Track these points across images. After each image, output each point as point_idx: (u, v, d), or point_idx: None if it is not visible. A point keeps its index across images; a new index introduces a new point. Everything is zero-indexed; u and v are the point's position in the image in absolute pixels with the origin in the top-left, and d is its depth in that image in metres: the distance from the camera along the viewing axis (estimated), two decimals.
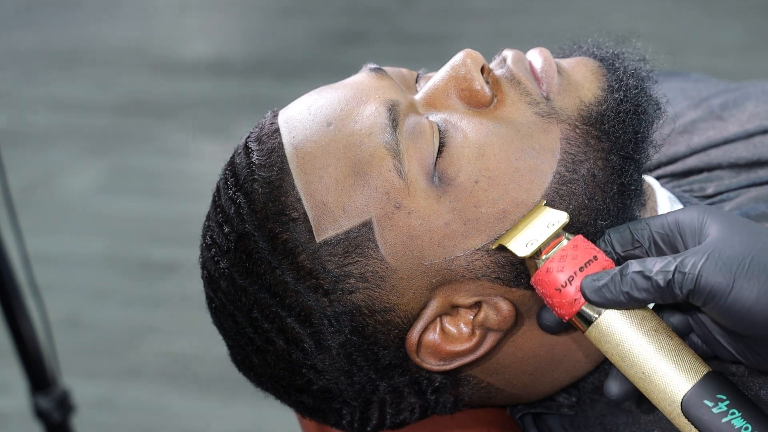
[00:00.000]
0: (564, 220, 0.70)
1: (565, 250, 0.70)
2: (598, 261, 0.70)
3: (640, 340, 0.68)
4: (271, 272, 0.74)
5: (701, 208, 0.69)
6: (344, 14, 3.60)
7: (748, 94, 0.96)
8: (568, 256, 0.69)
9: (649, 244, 0.70)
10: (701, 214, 0.69)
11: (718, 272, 0.65)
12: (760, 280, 0.64)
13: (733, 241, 0.66)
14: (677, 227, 0.69)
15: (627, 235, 0.71)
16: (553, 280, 0.69)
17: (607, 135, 0.75)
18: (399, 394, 0.77)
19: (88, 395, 2.03)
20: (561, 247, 0.70)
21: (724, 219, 0.68)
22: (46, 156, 2.95)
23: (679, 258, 0.66)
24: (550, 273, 0.69)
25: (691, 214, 0.69)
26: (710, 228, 0.67)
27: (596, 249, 0.70)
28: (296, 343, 0.74)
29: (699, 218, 0.68)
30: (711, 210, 0.69)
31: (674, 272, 0.65)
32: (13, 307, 1.57)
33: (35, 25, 3.72)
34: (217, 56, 3.40)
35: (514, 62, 0.77)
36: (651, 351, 0.67)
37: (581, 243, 0.70)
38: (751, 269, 0.64)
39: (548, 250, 0.70)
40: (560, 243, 0.70)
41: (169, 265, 2.46)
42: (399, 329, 0.74)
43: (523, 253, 0.70)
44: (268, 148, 0.76)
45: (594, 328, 0.69)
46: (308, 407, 0.79)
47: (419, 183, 0.73)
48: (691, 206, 0.71)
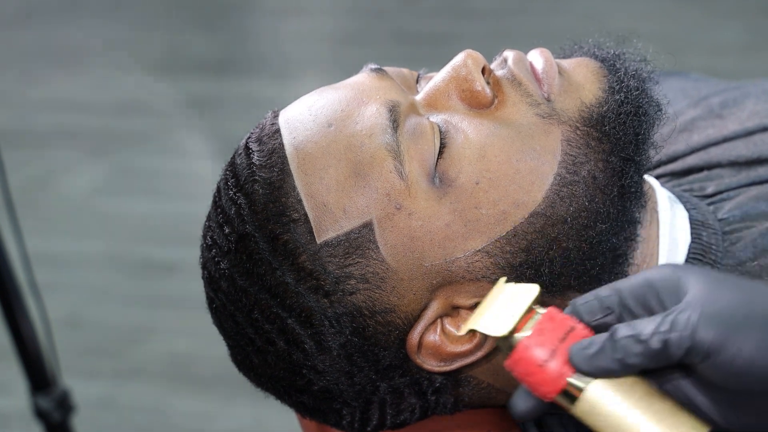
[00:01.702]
0: (536, 292, 0.67)
1: (542, 323, 0.65)
2: (577, 331, 0.65)
3: (633, 408, 0.63)
4: (271, 273, 0.74)
5: (671, 265, 0.66)
6: (344, 14, 3.60)
7: (748, 92, 0.96)
8: (545, 329, 0.65)
9: (620, 309, 0.66)
10: (674, 270, 0.65)
11: (712, 327, 0.61)
12: (758, 331, 0.61)
13: (718, 294, 0.63)
14: (650, 287, 0.65)
15: (594, 304, 0.67)
16: (534, 356, 0.65)
17: (607, 136, 0.75)
18: (399, 394, 0.77)
19: (88, 395, 2.03)
20: (536, 320, 0.66)
21: (701, 272, 0.64)
22: (46, 156, 2.96)
23: (670, 316, 0.62)
24: (528, 349, 0.65)
25: (662, 271, 0.65)
26: (689, 283, 0.64)
27: (571, 318, 0.66)
28: (297, 343, 0.74)
29: (673, 275, 0.65)
30: (683, 266, 0.66)
31: (669, 332, 0.62)
32: (13, 307, 1.57)
33: (35, 25, 3.72)
34: (217, 56, 3.40)
35: (515, 63, 0.77)
36: (647, 418, 0.63)
37: (556, 314, 0.66)
38: (746, 320, 0.61)
39: (521, 327, 0.66)
40: (533, 317, 0.66)
41: (169, 265, 2.46)
42: (399, 330, 0.74)
43: (500, 332, 0.66)
44: (269, 148, 0.76)
45: (582, 402, 0.64)
46: (308, 407, 0.79)
47: (420, 184, 0.73)
48: (659, 265, 0.68)
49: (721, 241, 0.81)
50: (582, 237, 0.74)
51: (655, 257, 0.79)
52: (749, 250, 0.79)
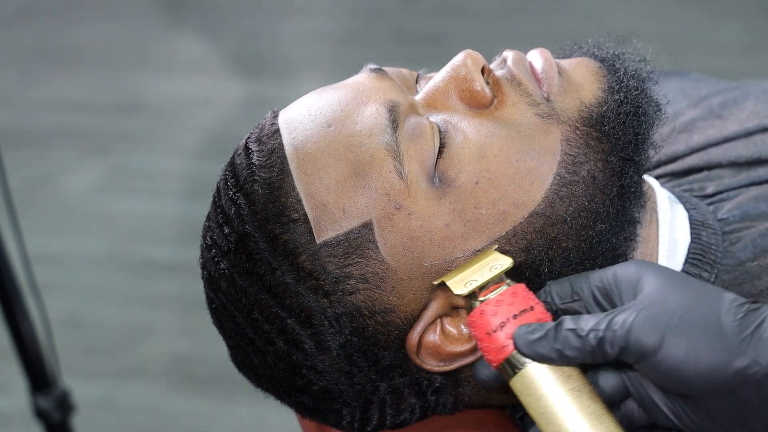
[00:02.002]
0: (507, 265, 0.70)
1: (503, 295, 0.69)
2: (534, 311, 0.69)
3: (562, 398, 0.66)
4: (271, 273, 0.74)
5: (639, 262, 0.68)
6: (344, 14, 3.60)
7: (748, 92, 0.96)
8: (504, 301, 0.69)
9: (588, 297, 0.69)
10: (638, 268, 0.67)
11: (647, 329, 0.63)
12: (690, 336, 0.63)
13: (665, 296, 0.65)
14: (615, 281, 0.68)
15: (567, 288, 0.71)
16: (486, 323, 0.68)
17: (607, 136, 0.75)
18: (399, 394, 0.77)
19: (88, 395, 2.03)
20: (500, 291, 0.69)
21: (660, 273, 0.67)
22: (46, 156, 2.95)
23: (610, 315, 0.65)
24: (483, 315, 0.69)
25: (628, 268, 0.68)
26: (645, 282, 0.66)
27: (535, 300, 0.69)
28: (296, 343, 0.74)
29: (635, 272, 0.67)
30: (648, 265, 0.68)
31: (605, 330, 0.65)
32: (13, 307, 1.57)
33: (35, 25, 3.72)
34: (217, 56, 3.40)
35: (515, 63, 0.77)
36: (572, 411, 0.66)
37: (521, 291, 0.69)
38: (680, 325, 0.63)
39: (486, 293, 0.70)
40: (500, 288, 0.70)
41: (169, 265, 2.46)
42: (399, 330, 0.74)
43: (459, 291, 0.70)
44: (269, 148, 0.76)
45: (518, 378, 0.68)
46: (308, 408, 0.79)
47: (419, 184, 0.73)
48: (630, 261, 0.70)
49: (721, 241, 0.81)
50: (581, 237, 0.74)
51: (655, 257, 0.79)
52: (749, 250, 0.79)
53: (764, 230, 0.80)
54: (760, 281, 0.78)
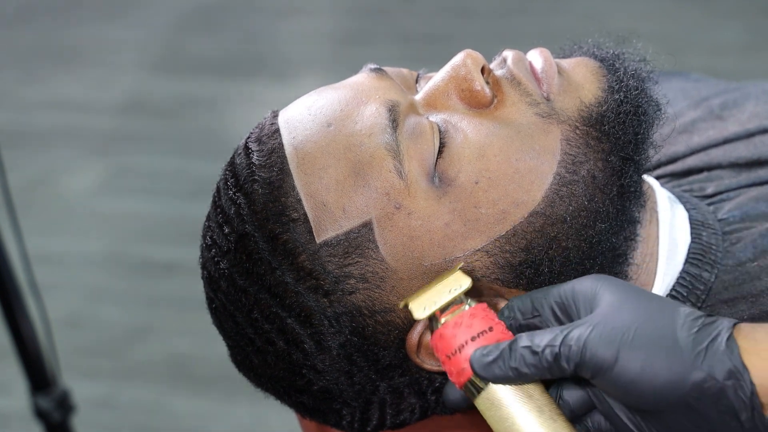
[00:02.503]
0: (465, 286, 0.70)
1: (462, 317, 0.69)
2: (493, 332, 0.68)
3: (525, 417, 0.66)
4: (271, 273, 0.74)
5: (597, 277, 0.68)
6: (344, 14, 3.60)
7: (748, 93, 0.96)
8: (462, 323, 0.68)
9: (546, 312, 0.69)
10: (594, 282, 0.67)
11: (602, 344, 0.63)
12: (644, 351, 0.63)
13: (621, 310, 0.64)
14: (572, 296, 0.68)
15: (528, 304, 0.70)
16: (445, 346, 0.68)
17: (607, 136, 0.75)
18: (399, 394, 0.77)
19: (88, 395, 2.03)
20: (458, 313, 0.69)
21: (617, 288, 0.66)
22: (46, 156, 2.95)
23: (566, 331, 0.65)
24: (442, 338, 0.69)
25: (585, 283, 0.68)
26: (602, 297, 0.66)
27: (494, 320, 0.69)
28: (296, 343, 0.74)
29: (592, 287, 0.67)
30: (606, 279, 0.68)
31: (560, 346, 0.64)
32: (13, 307, 1.57)
33: (35, 25, 3.72)
34: (217, 56, 3.40)
35: (515, 63, 0.77)
36: (534, 429, 0.65)
37: (480, 312, 0.69)
38: (635, 340, 0.63)
39: (446, 315, 0.69)
40: (460, 309, 0.69)
41: (169, 265, 2.46)
42: (399, 330, 0.74)
43: (418, 315, 0.69)
44: (269, 148, 0.76)
45: (481, 399, 0.68)
46: (308, 408, 0.79)
47: (419, 183, 0.73)
48: (588, 276, 0.69)
49: (722, 241, 0.81)
50: (581, 236, 0.74)
51: (655, 257, 0.79)
52: (749, 250, 0.79)
53: (764, 231, 0.80)
54: (760, 281, 0.78)
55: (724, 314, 0.77)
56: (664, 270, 0.79)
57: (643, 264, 0.78)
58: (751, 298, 0.77)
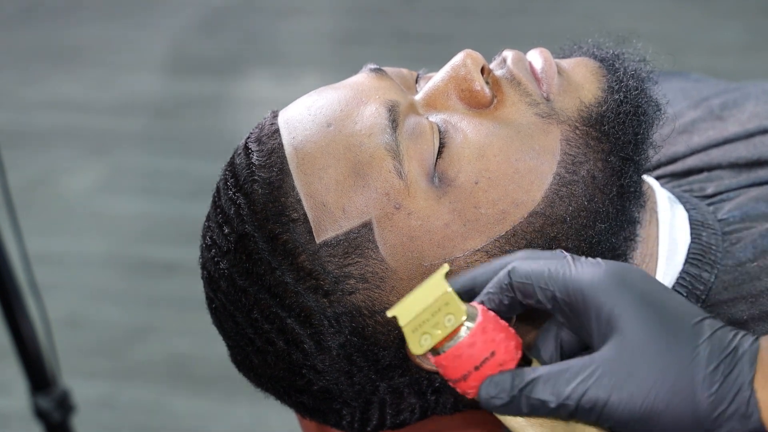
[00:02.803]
0: (462, 317, 0.64)
1: (460, 348, 0.64)
2: (496, 357, 0.64)
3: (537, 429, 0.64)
4: (271, 273, 0.74)
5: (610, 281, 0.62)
6: (344, 14, 3.60)
7: (748, 94, 0.96)
8: (463, 355, 0.64)
9: (552, 305, 0.64)
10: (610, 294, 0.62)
11: (621, 410, 0.60)
12: (663, 418, 0.60)
13: (638, 363, 0.60)
14: (582, 300, 0.63)
15: (530, 289, 0.65)
16: (448, 374, 0.65)
17: (607, 136, 0.75)
18: (399, 394, 0.77)
19: (88, 395, 2.03)
20: (457, 343, 0.64)
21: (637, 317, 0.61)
22: (46, 156, 2.96)
23: (581, 390, 0.61)
24: (444, 369, 0.65)
25: (596, 289, 0.62)
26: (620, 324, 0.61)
27: (495, 340, 0.64)
28: (296, 343, 0.74)
29: (608, 302, 0.62)
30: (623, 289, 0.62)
31: (575, 406, 0.61)
32: (13, 307, 1.57)
33: (35, 25, 3.72)
34: (217, 56, 3.40)
35: (514, 63, 0.77)
36: None
37: (479, 338, 0.64)
38: (655, 406, 0.60)
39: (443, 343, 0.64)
40: (457, 335, 0.65)
41: (168, 265, 2.46)
42: (399, 330, 0.74)
43: (417, 351, 0.65)
44: (268, 148, 0.76)
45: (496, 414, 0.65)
46: (308, 408, 0.79)
47: (419, 184, 0.73)
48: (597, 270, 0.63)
49: (721, 241, 0.81)
50: (581, 237, 0.74)
51: (655, 257, 0.79)
52: (749, 250, 0.79)
53: (764, 231, 0.80)
54: (760, 282, 0.78)
55: (724, 314, 0.77)
56: (664, 270, 0.79)
57: (643, 264, 0.78)
58: (750, 298, 0.77)
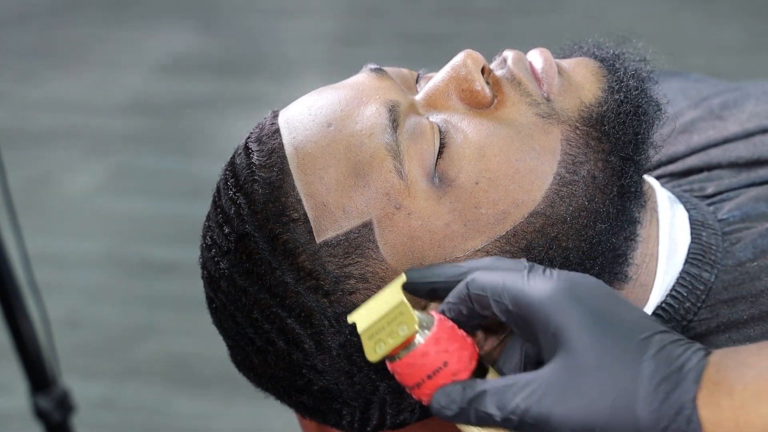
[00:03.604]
0: (414, 328, 0.65)
1: (413, 357, 0.65)
2: (449, 367, 0.65)
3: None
4: (271, 273, 0.74)
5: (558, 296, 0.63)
6: (344, 14, 3.60)
7: (748, 93, 0.96)
8: (415, 364, 0.65)
9: (506, 318, 0.65)
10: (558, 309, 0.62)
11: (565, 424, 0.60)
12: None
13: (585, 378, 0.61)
14: (530, 314, 0.63)
15: (486, 301, 0.65)
16: (403, 381, 0.66)
17: (607, 136, 0.75)
18: (399, 394, 0.77)
19: (88, 395, 2.04)
20: (411, 351, 0.65)
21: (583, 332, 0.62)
22: (46, 156, 2.96)
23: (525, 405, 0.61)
24: (399, 376, 0.66)
25: (544, 304, 0.63)
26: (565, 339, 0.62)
27: (449, 350, 0.65)
28: (296, 343, 0.74)
29: (555, 317, 0.62)
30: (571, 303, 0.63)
31: (519, 419, 0.61)
32: (13, 307, 1.57)
33: (35, 25, 3.72)
34: (217, 56, 3.40)
35: (515, 63, 0.77)
36: None
37: (432, 348, 0.65)
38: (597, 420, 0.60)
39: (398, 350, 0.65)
40: (413, 342, 0.65)
41: (169, 265, 2.46)
42: None
43: (372, 358, 0.66)
44: (269, 148, 0.76)
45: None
46: (308, 407, 0.79)
47: (419, 184, 0.73)
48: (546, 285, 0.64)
49: (721, 241, 0.81)
50: (581, 237, 0.74)
51: (655, 257, 0.79)
52: (749, 250, 0.79)
53: (764, 231, 0.80)
54: (760, 281, 0.78)
55: (724, 314, 0.77)
56: (664, 270, 0.79)
57: (643, 264, 0.78)
58: (750, 298, 0.77)
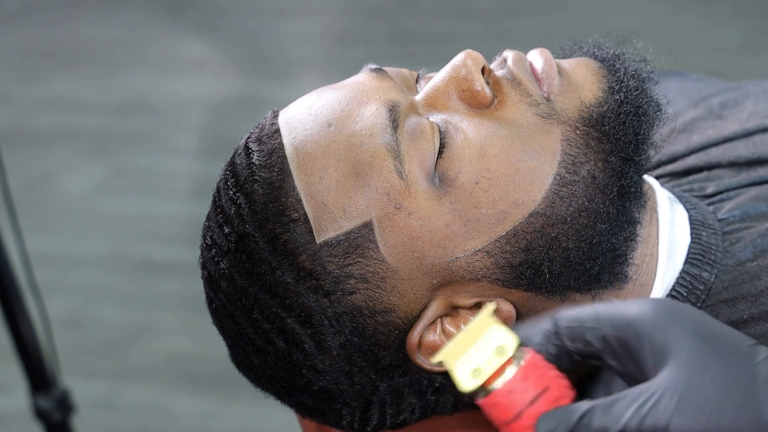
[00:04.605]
0: (513, 347, 0.65)
1: (513, 382, 0.64)
2: (550, 392, 0.64)
3: None
4: (271, 273, 0.74)
5: (660, 313, 0.62)
6: (344, 14, 3.60)
7: (748, 92, 0.96)
8: (516, 390, 0.63)
9: (603, 346, 0.64)
10: (662, 325, 0.62)
11: (689, 421, 0.59)
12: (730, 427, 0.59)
13: (701, 379, 0.60)
14: (634, 333, 0.62)
15: (576, 331, 0.65)
16: (501, 413, 0.64)
17: (607, 136, 0.75)
18: (399, 394, 0.77)
19: (88, 395, 2.03)
20: (508, 378, 0.64)
21: (689, 340, 0.61)
22: (46, 156, 2.95)
23: (643, 409, 0.60)
24: (496, 407, 0.64)
25: (648, 321, 0.62)
26: (674, 348, 0.61)
27: (546, 376, 0.64)
28: (296, 343, 0.74)
29: (661, 331, 0.62)
30: (674, 319, 0.62)
31: (643, 423, 0.60)
32: (13, 307, 1.57)
33: (35, 25, 3.72)
34: (217, 56, 3.40)
35: (515, 63, 0.77)
36: None
37: (532, 372, 0.64)
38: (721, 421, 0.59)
39: (494, 378, 0.64)
40: (510, 366, 0.64)
41: (169, 265, 2.46)
42: (399, 330, 0.74)
43: (467, 387, 0.64)
44: (269, 148, 0.76)
45: None
46: (308, 408, 0.79)
47: (420, 184, 0.73)
48: (645, 305, 0.63)
49: (721, 241, 0.81)
50: (582, 237, 0.74)
51: (655, 257, 0.79)
52: (749, 250, 0.79)
53: (764, 230, 0.80)
54: (760, 281, 0.78)
55: (724, 314, 0.77)
56: (664, 270, 0.79)
57: (643, 264, 0.78)
58: (750, 298, 0.77)
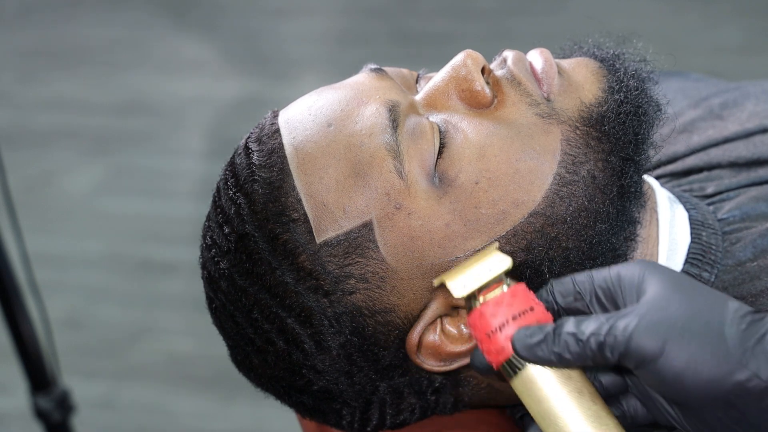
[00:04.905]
0: (506, 265, 0.69)
1: (502, 296, 0.68)
2: (534, 312, 0.68)
3: (562, 399, 0.66)
4: (271, 273, 0.74)
5: (643, 263, 0.67)
6: (344, 14, 3.60)
7: (748, 93, 0.96)
8: (503, 302, 0.68)
9: (590, 297, 0.68)
10: (642, 269, 0.66)
11: (648, 336, 0.62)
12: (690, 346, 0.62)
13: (669, 302, 0.64)
14: (618, 282, 0.67)
15: (569, 286, 0.69)
16: (485, 324, 0.68)
17: (607, 136, 0.75)
18: (399, 394, 0.77)
19: (88, 395, 2.03)
20: (500, 292, 0.68)
21: (664, 276, 0.65)
22: (46, 156, 2.95)
23: (612, 320, 0.64)
24: (482, 317, 0.68)
25: (632, 269, 0.67)
26: (649, 285, 0.65)
27: (535, 300, 0.69)
28: (296, 343, 0.74)
29: (639, 274, 0.66)
30: (652, 266, 0.66)
31: (605, 335, 0.63)
32: (13, 307, 1.57)
33: (35, 25, 3.72)
34: (217, 56, 3.40)
35: (515, 63, 0.77)
36: (573, 412, 0.65)
37: (521, 292, 0.68)
38: (682, 333, 0.62)
39: (486, 294, 0.68)
40: (500, 288, 0.69)
41: (169, 265, 2.46)
42: (399, 330, 0.74)
43: (458, 294, 0.69)
44: (269, 148, 0.76)
45: (518, 379, 0.67)
46: (308, 408, 0.79)
47: (420, 184, 0.73)
48: (633, 261, 0.69)
49: (721, 241, 0.81)
50: (581, 237, 0.74)
51: (655, 257, 0.79)
52: (749, 250, 0.79)
53: (764, 230, 0.80)
54: (760, 281, 0.78)
55: None
56: None
57: None
58: (750, 298, 0.77)
